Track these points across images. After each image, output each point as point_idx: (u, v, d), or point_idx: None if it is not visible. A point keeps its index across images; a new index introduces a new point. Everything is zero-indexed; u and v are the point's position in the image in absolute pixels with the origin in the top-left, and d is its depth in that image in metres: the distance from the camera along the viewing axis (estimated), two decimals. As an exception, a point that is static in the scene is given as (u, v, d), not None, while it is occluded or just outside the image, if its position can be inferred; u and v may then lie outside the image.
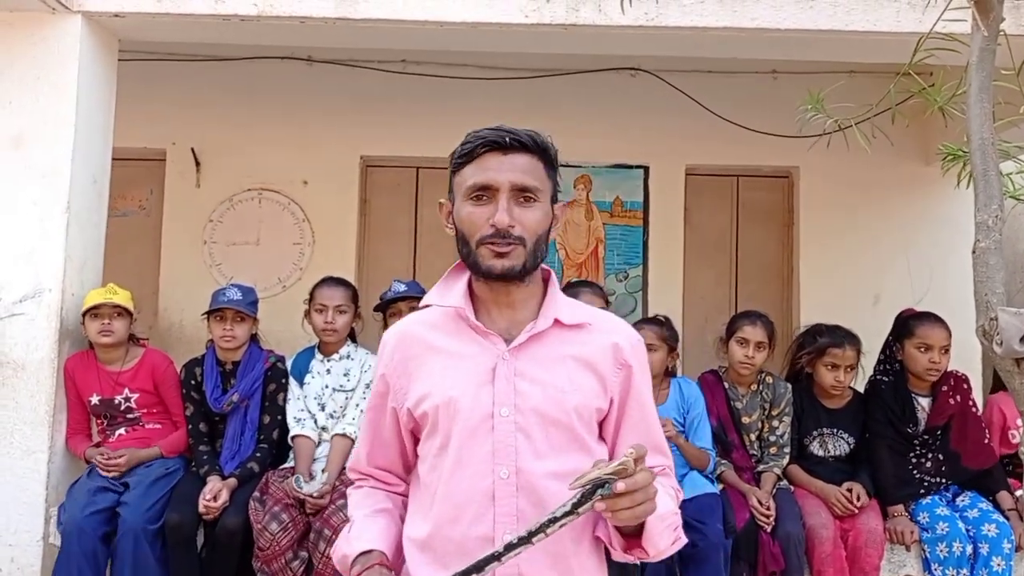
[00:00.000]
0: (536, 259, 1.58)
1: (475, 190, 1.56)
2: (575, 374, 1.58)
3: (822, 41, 3.79)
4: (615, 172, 5.58)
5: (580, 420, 1.56)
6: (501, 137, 1.57)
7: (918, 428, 3.74)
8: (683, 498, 3.39)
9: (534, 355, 1.58)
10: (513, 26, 3.72)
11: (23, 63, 3.71)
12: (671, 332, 3.78)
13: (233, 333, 3.72)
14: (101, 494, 3.53)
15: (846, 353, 3.73)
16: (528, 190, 1.56)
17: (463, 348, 1.59)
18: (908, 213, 5.45)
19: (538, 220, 1.57)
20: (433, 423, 1.58)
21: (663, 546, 1.52)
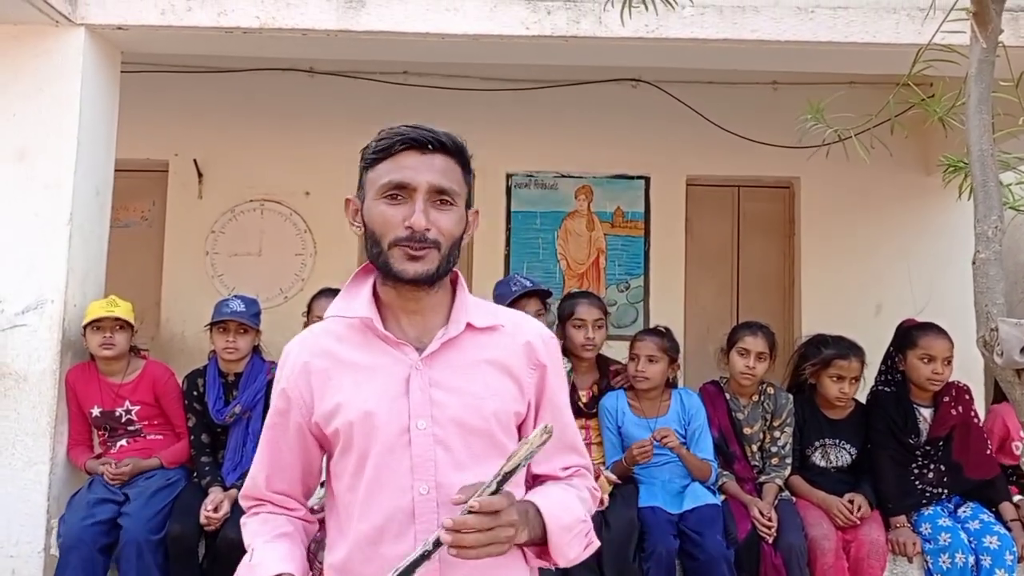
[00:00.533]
0: (449, 264, 1.51)
1: (390, 188, 1.48)
2: (491, 379, 1.51)
3: (822, 52, 3.81)
4: (616, 183, 5.59)
5: (500, 426, 1.50)
6: (421, 136, 1.50)
7: (920, 439, 3.72)
8: (685, 509, 3.42)
9: (448, 362, 1.50)
10: (514, 38, 3.74)
11: (27, 76, 3.73)
12: (672, 343, 3.77)
13: (236, 345, 3.72)
14: (101, 505, 3.52)
15: (852, 365, 3.72)
16: (446, 192, 1.48)
17: (374, 360, 1.51)
18: (909, 223, 5.46)
19: (454, 224, 1.50)
20: (347, 440, 1.49)
21: (573, 555, 1.49)
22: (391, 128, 1.53)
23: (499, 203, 5.55)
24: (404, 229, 1.45)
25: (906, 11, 3.63)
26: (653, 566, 3.32)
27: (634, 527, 3.41)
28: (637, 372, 3.69)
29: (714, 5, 3.68)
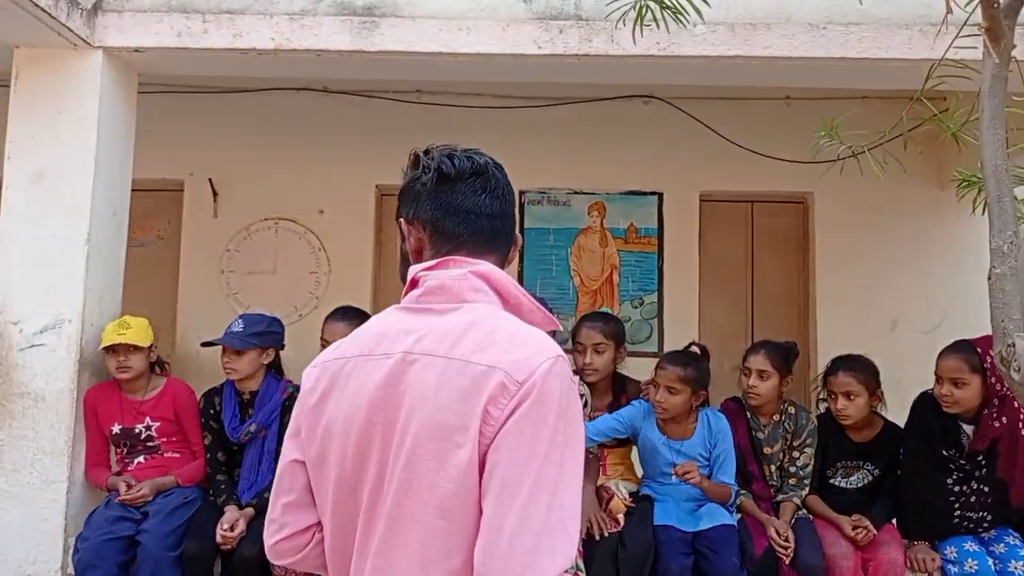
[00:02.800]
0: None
1: None
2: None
3: (834, 68, 3.81)
4: (629, 199, 5.59)
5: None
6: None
7: (960, 454, 3.55)
8: (700, 528, 3.40)
9: None
10: (526, 57, 3.76)
11: (45, 98, 3.77)
12: (697, 373, 3.63)
13: (233, 366, 3.74)
14: (119, 523, 3.54)
15: (838, 379, 3.67)
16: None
17: None
18: (924, 238, 5.43)
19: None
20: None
21: None
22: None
23: (512, 220, 5.55)
24: None
25: (918, 27, 3.63)
26: (667, 584, 3.30)
27: (650, 546, 3.39)
28: (656, 401, 3.64)
29: (725, 22, 3.69)
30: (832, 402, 3.71)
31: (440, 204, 1.53)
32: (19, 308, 3.69)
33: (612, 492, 3.63)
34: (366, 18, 3.73)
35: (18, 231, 3.72)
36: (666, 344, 5.27)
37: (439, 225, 1.52)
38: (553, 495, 1.24)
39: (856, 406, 3.66)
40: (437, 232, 1.52)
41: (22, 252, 3.71)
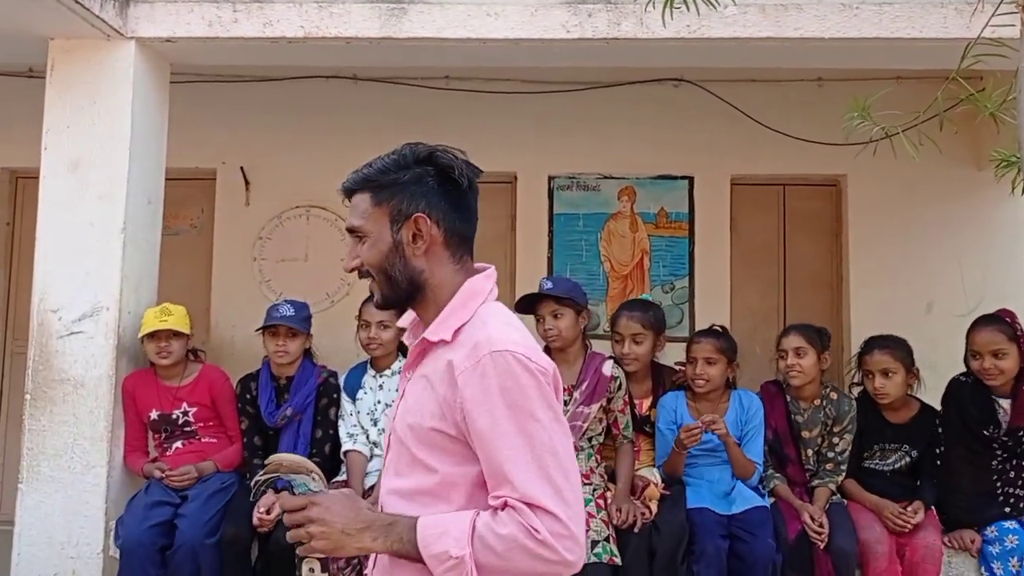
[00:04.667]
0: (394, 286, 1.59)
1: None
2: (422, 393, 1.54)
3: (867, 48, 3.76)
4: (659, 183, 5.56)
5: (417, 441, 1.52)
6: (344, 188, 1.65)
7: (999, 431, 3.58)
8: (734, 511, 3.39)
9: (413, 374, 1.62)
10: (555, 41, 3.75)
11: (79, 89, 3.82)
12: (729, 343, 3.73)
13: (286, 348, 3.78)
14: (159, 508, 3.60)
15: (874, 358, 3.67)
16: (354, 231, 1.62)
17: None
18: (960, 219, 5.35)
19: (368, 254, 1.59)
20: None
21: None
22: None
23: (541, 206, 5.55)
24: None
25: (954, 5, 3.57)
26: (703, 567, 3.30)
27: (684, 530, 3.39)
28: (696, 375, 3.66)
29: (756, 3, 3.65)
30: (869, 382, 3.70)
31: (456, 205, 1.62)
32: (58, 296, 3.75)
33: (647, 480, 3.63)
34: (394, 5, 3.74)
35: (56, 220, 3.79)
36: (698, 329, 5.23)
37: (456, 227, 1.61)
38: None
39: (894, 384, 3.65)
40: (454, 233, 1.61)
41: (60, 241, 3.78)
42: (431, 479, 1.50)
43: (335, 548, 1.47)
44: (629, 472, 3.63)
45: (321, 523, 1.46)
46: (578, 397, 3.55)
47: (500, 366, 1.46)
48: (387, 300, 1.62)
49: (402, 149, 1.62)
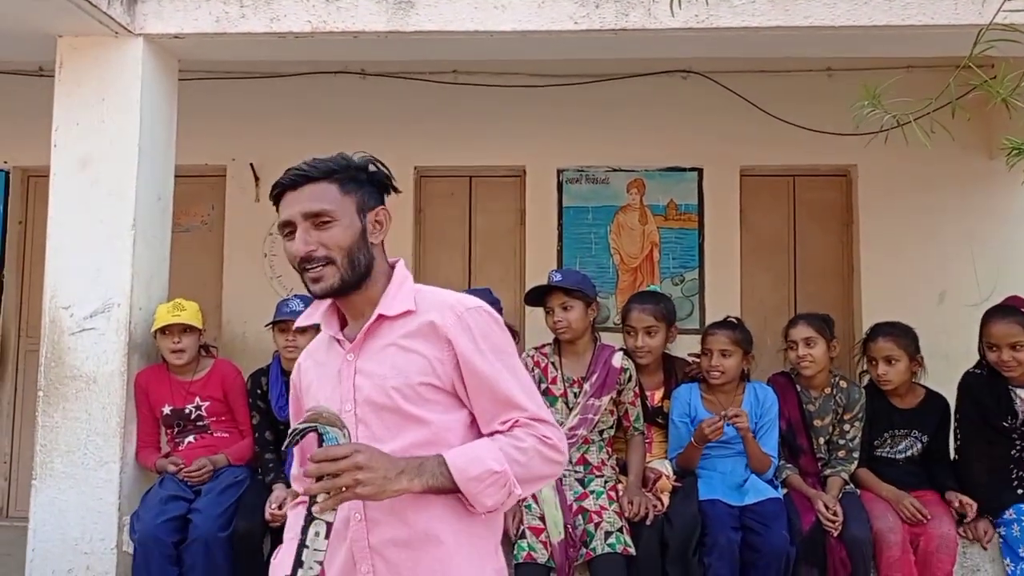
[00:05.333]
0: (355, 269, 1.72)
1: (283, 229, 1.75)
2: (397, 359, 1.70)
3: (878, 37, 3.73)
4: (668, 175, 5.55)
5: (406, 400, 1.68)
6: (289, 179, 1.74)
7: (1016, 421, 3.57)
8: (747, 503, 3.38)
9: (368, 350, 1.74)
10: (563, 33, 3.73)
11: (88, 86, 3.83)
12: (745, 335, 3.70)
13: (296, 343, 3.79)
14: (173, 502, 3.62)
15: (878, 345, 3.67)
16: (319, 215, 1.71)
17: (329, 357, 1.80)
18: (972, 208, 5.32)
19: (339, 236, 1.70)
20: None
21: (491, 503, 1.65)
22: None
23: (550, 199, 5.54)
24: (298, 259, 1.71)
25: (965, -9, 3.54)
26: (716, 559, 3.29)
27: (696, 522, 3.38)
28: (711, 367, 3.64)
29: (765, -8, 3.63)
30: (873, 368, 3.69)
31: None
32: (69, 293, 3.77)
33: (659, 472, 3.62)
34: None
35: (66, 217, 3.80)
36: (708, 321, 5.22)
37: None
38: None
39: (897, 371, 3.65)
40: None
41: (71, 238, 3.79)
42: (425, 431, 1.68)
43: (378, 493, 1.55)
44: (641, 464, 3.62)
45: (368, 469, 1.53)
46: (588, 389, 3.54)
47: (478, 320, 1.73)
48: (344, 285, 1.72)
49: (342, 155, 1.78)
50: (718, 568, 3.28)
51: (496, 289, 4.23)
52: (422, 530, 1.66)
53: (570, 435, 3.49)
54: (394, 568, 1.67)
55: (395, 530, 1.67)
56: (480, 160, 5.49)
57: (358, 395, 1.70)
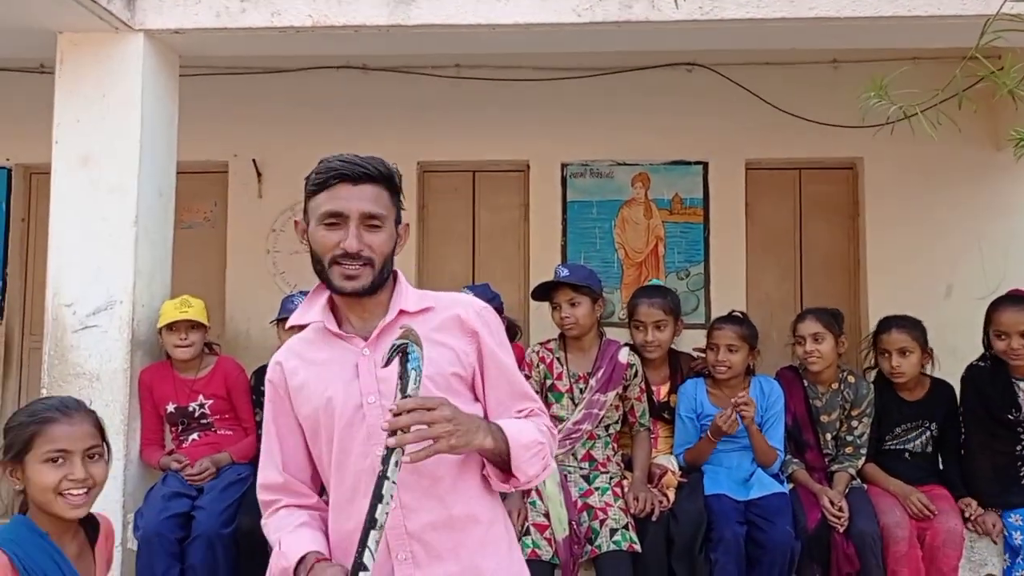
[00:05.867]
0: (383, 276, 1.77)
1: (328, 216, 1.74)
2: (427, 351, 1.69)
3: (884, 28, 3.70)
4: (673, 169, 5.52)
5: (438, 389, 1.71)
6: (351, 169, 1.74)
7: (1020, 413, 3.54)
8: (752, 497, 3.37)
9: (389, 344, 1.70)
10: (566, 26, 3.71)
11: (89, 82, 3.82)
12: (751, 330, 3.69)
13: None
14: (176, 499, 3.61)
15: (891, 337, 3.65)
16: (375, 217, 1.74)
17: (331, 355, 1.79)
18: (979, 200, 5.28)
19: (384, 242, 1.76)
20: (315, 423, 1.78)
21: (532, 472, 1.74)
22: (327, 162, 1.77)
23: (554, 194, 5.52)
24: (339, 249, 1.72)
25: (972, -19, 3.50)
26: (721, 553, 3.27)
27: (702, 518, 3.37)
28: (717, 362, 3.63)
29: (770, -17, 3.60)
30: (885, 361, 3.67)
31: None
32: (71, 291, 3.76)
33: (665, 468, 3.60)
34: (403, -8, 3.71)
35: (68, 214, 3.79)
36: (713, 315, 5.21)
37: None
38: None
39: (910, 363, 3.63)
40: None
41: (73, 235, 3.78)
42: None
43: (464, 444, 1.60)
44: (646, 460, 3.61)
45: (455, 422, 1.57)
46: (594, 385, 3.52)
47: (492, 317, 1.86)
48: (372, 287, 1.75)
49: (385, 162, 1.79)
50: (724, 563, 3.27)
51: (500, 284, 4.22)
52: (462, 511, 1.72)
53: (575, 430, 3.48)
54: (434, 551, 1.70)
55: (433, 514, 1.70)
56: (483, 155, 5.46)
57: (384, 387, 1.71)
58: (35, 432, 1.96)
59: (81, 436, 1.99)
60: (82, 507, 1.97)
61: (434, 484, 1.70)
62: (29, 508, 2.01)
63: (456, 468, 1.73)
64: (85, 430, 2.00)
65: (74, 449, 1.96)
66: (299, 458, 1.84)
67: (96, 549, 2.09)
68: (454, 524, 1.72)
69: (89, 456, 1.99)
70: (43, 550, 1.93)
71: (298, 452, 1.84)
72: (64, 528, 2.00)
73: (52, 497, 1.93)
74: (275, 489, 1.84)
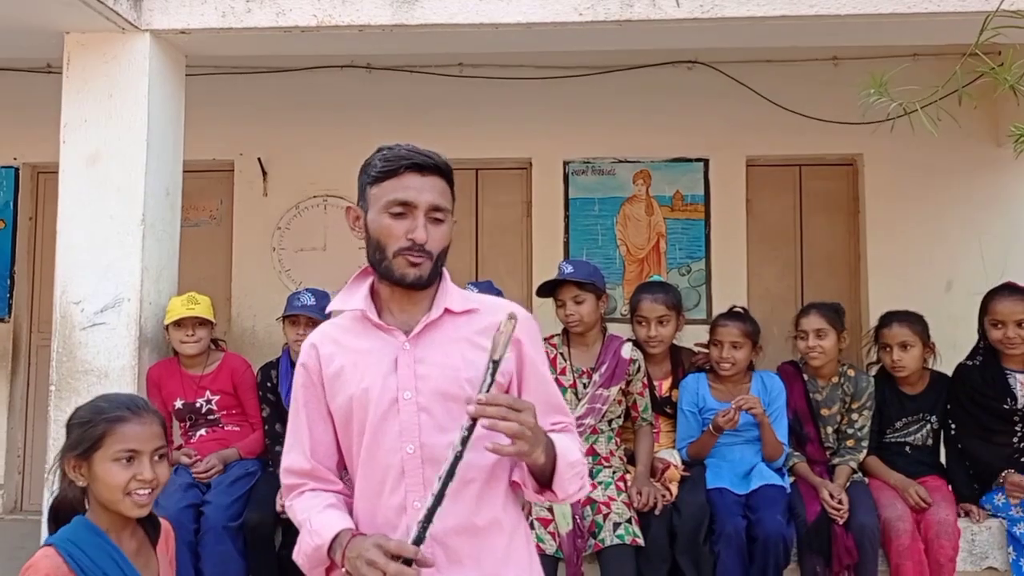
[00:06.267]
0: (438, 269, 1.78)
1: (395, 205, 1.72)
2: (468, 352, 1.74)
3: (884, 25, 3.72)
4: (675, 166, 5.55)
5: (475, 391, 1.66)
6: (423, 160, 1.73)
7: (1015, 404, 3.57)
8: (750, 488, 3.38)
9: (431, 341, 1.75)
10: (567, 25, 3.73)
11: (96, 82, 3.85)
12: (754, 327, 3.72)
13: (306, 337, 3.80)
14: (190, 490, 3.65)
15: (893, 331, 3.68)
16: (440, 210, 1.74)
17: (370, 345, 1.77)
18: (979, 196, 5.31)
19: (445, 236, 1.77)
20: (348, 413, 1.75)
21: (572, 490, 1.73)
22: (392, 149, 1.76)
23: (556, 191, 5.55)
24: (407, 240, 1.71)
25: (971, -23, 3.53)
26: (723, 547, 3.30)
27: (705, 512, 3.40)
28: (721, 358, 3.65)
29: (770, -19, 3.62)
30: (887, 355, 3.70)
31: None
32: (79, 288, 3.79)
33: (668, 462, 3.63)
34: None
35: (76, 213, 3.82)
36: (715, 311, 5.24)
37: None
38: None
39: (912, 357, 3.65)
40: None
41: (80, 233, 3.81)
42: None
43: (528, 455, 1.60)
44: (649, 454, 3.64)
45: (533, 431, 1.58)
46: (597, 380, 3.56)
47: (534, 328, 1.85)
48: (429, 279, 1.75)
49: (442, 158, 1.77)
50: (725, 556, 3.30)
51: (503, 280, 4.24)
52: (487, 518, 1.71)
53: (578, 424, 3.50)
54: (454, 555, 1.68)
55: (458, 518, 1.68)
56: (486, 152, 5.49)
57: (421, 384, 1.71)
58: (106, 431, 1.95)
59: (150, 437, 1.98)
60: (146, 506, 1.97)
61: (463, 487, 1.66)
62: (88, 505, 1.99)
63: (487, 473, 1.72)
64: (154, 431, 1.99)
65: (144, 449, 1.95)
66: (327, 444, 1.82)
67: (158, 551, 2.08)
68: (478, 530, 1.70)
69: (157, 456, 1.98)
70: (102, 549, 1.92)
71: (326, 438, 1.82)
72: (122, 526, 1.99)
73: (120, 496, 1.92)
74: (301, 474, 1.83)
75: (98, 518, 1.97)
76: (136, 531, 2.04)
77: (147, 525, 2.07)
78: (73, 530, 1.95)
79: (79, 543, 1.91)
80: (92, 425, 1.96)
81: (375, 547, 1.57)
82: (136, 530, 2.04)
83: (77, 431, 1.98)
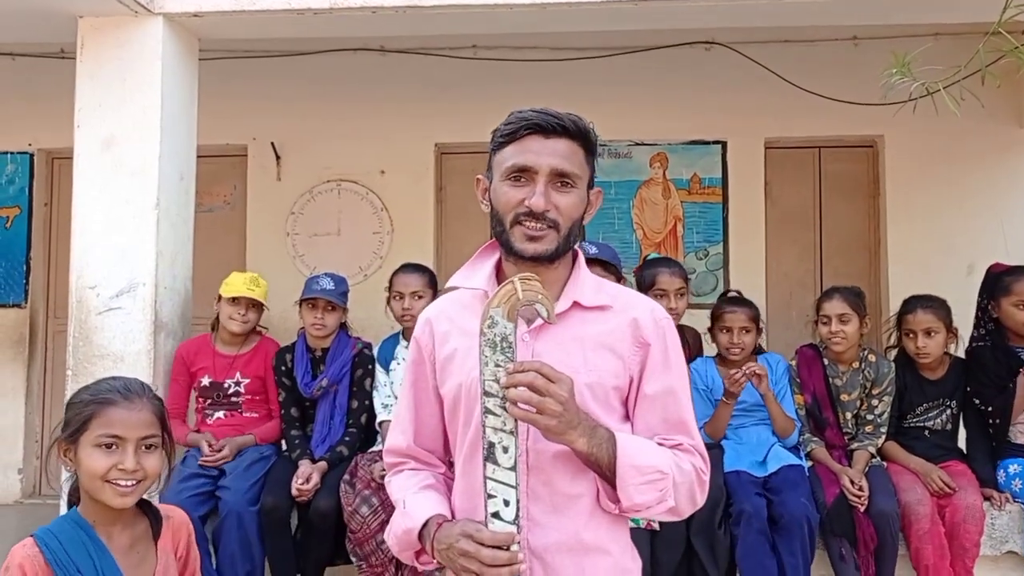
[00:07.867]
0: (569, 243, 1.61)
1: (514, 171, 1.58)
2: (591, 355, 1.59)
3: (904, 3, 3.67)
4: (692, 149, 5.50)
5: (594, 399, 1.56)
6: (545, 120, 1.57)
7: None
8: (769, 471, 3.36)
9: (553, 336, 1.58)
10: (583, 4, 3.69)
11: (110, 66, 3.84)
12: (757, 311, 3.75)
13: (324, 322, 3.81)
14: (195, 479, 3.66)
15: (917, 317, 3.64)
16: (567, 175, 1.57)
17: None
18: (1001, 178, 5.23)
19: (574, 205, 1.59)
20: (456, 400, 1.62)
21: (640, 500, 1.50)
22: (517, 112, 1.61)
23: (573, 174, 5.51)
24: (524, 207, 1.56)
25: (995, -46, 3.45)
26: (744, 527, 3.29)
27: (721, 494, 3.38)
28: (732, 344, 3.66)
29: (789, -41, 3.57)
30: (910, 341, 3.66)
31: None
32: (95, 273, 3.80)
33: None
34: (420, -27, 3.70)
35: (91, 198, 3.82)
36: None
37: None
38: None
39: (936, 343, 3.63)
40: None
41: (95, 219, 3.81)
42: None
43: (557, 433, 1.45)
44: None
45: (565, 406, 1.43)
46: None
47: (671, 332, 1.65)
48: (556, 253, 1.59)
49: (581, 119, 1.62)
50: (746, 535, 3.28)
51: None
52: (594, 537, 1.57)
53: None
54: (554, 573, 1.55)
55: (562, 534, 1.55)
56: (501, 136, 5.46)
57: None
58: (93, 412, 1.84)
59: (137, 424, 1.85)
60: (129, 497, 1.83)
61: (569, 502, 1.55)
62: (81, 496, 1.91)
63: (595, 487, 1.56)
64: (143, 418, 1.86)
65: (128, 436, 1.83)
66: (432, 428, 1.72)
67: (160, 545, 1.95)
68: (583, 549, 1.56)
69: (144, 446, 1.85)
70: (80, 543, 1.82)
71: (432, 421, 1.71)
72: (114, 518, 1.88)
73: (100, 484, 1.81)
74: (401, 454, 1.74)
75: (87, 509, 1.89)
76: (133, 524, 1.93)
77: (150, 517, 1.95)
78: (59, 522, 1.88)
79: (59, 535, 1.83)
80: (83, 406, 1.87)
81: (465, 537, 1.47)
82: (133, 523, 1.93)
83: (68, 412, 1.90)
